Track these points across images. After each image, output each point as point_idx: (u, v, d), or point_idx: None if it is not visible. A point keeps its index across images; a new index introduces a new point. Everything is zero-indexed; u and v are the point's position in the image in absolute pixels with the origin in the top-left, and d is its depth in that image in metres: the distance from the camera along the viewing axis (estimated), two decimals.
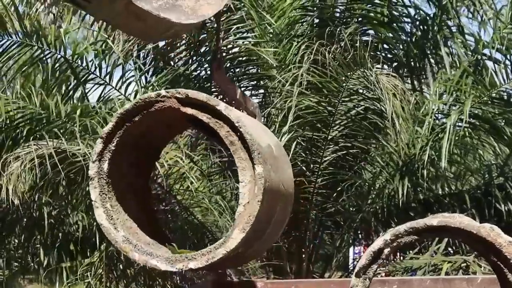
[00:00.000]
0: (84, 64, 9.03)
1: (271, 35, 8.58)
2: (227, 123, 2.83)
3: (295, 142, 8.09)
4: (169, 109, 2.89)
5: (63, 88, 9.17)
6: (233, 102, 3.32)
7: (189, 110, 2.87)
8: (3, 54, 8.76)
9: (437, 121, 8.73)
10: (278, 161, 3.03)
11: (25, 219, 7.82)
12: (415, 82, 9.55)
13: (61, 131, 8.06)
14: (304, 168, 8.43)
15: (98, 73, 9.11)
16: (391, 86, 7.65)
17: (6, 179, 7.22)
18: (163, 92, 2.90)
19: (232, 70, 9.00)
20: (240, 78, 9.05)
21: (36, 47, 8.87)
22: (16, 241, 9.50)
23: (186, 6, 3.15)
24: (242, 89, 9.08)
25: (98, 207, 3.03)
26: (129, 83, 9.05)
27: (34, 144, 7.45)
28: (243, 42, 9.00)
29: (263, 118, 8.39)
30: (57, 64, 9.05)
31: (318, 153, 8.43)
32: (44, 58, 9.06)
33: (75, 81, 9.08)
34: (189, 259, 2.84)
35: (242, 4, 8.43)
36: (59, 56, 9.01)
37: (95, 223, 8.86)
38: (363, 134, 8.61)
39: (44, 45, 8.87)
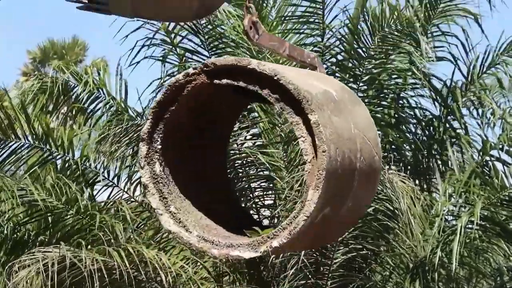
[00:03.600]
0: (93, 166, 9.05)
1: (280, 137, 8.64)
2: (265, 80, 2.55)
3: None
4: (202, 85, 2.62)
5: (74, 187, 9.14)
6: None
7: (223, 81, 2.61)
8: (11, 155, 8.78)
9: (447, 223, 8.66)
10: (341, 104, 2.67)
11: None
12: (423, 183, 9.52)
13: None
14: (313, 271, 8.33)
15: (106, 175, 9.11)
16: (404, 186, 7.65)
17: (12, 286, 7.18)
18: (190, 70, 2.64)
19: (242, 170, 9.04)
20: (250, 179, 9.07)
21: (45, 149, 8.91)
22: None
23: None
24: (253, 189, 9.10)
25: (162, 213, 2.68)
26: (137, 184, 9.01)
27: (40, 252, 7.44)
28: (253, 144, 9.08)
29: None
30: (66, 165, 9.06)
31: (328, 255, 8.35)
32: (53, 160, 9.08)
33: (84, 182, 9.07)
34: (271, 237, 2.50)
35: None
36: (67, 158, 9.02)
37: None
38: (373, 235, 8.54)
39: (52, 147, 8.90)
